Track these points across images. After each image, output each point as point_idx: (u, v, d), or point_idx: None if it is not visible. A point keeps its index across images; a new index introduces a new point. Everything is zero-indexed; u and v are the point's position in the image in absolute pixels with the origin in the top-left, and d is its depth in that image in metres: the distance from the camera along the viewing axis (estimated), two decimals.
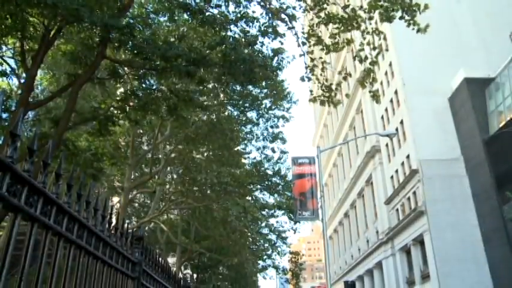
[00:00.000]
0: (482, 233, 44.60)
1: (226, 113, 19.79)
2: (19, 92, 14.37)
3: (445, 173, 46.30)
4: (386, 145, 57.03)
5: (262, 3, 13.73)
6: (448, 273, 41.48)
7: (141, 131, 20.31)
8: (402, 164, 52.28)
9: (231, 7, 14.17)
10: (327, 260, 17.85)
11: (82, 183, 3.46)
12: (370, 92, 13.91)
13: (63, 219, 3.10)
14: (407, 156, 50.55)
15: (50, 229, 2.94)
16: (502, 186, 45.79)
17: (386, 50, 52.18)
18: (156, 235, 25.88)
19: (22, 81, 13.75)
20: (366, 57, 13.33)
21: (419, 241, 47.68)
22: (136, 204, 26.97)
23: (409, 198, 50.20)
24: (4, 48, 14.76)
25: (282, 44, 15.36)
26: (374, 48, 13.52)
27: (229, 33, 13.93)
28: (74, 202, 3.29)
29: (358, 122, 67.51)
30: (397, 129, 49.84)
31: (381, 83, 55.06)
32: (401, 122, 51.99)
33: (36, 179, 2.74)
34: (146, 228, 23.10)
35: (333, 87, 14.15)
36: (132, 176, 19.16)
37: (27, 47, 13.18)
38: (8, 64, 14.62)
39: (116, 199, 21.46)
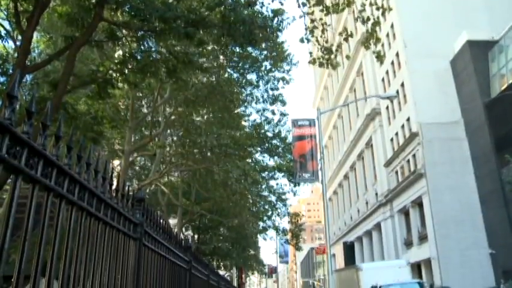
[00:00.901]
0: (480, 196, 45.08)
1: (226, 75, 19.63)
2: (15, 55, 14.19)
3: (445, 136, 46.38)
4: (387, 108, 56.88)
5: None
6: (445, 234, 42.17)
7: (141, 94, 20.19)
8: (402, 126, 52.30)
9: None
10: (326, 221, 18.08)
11: (82, 146, 3.46)
12: (374, 52, 13.78)
13: (64, 181, 3.12)
14: (408, 119, 50.51)
15: (52, 191, 2.96)
16: (501, 149, 45.95)
17: (389, 9, 50.92)
18: (157, 197, 26.10)
19: (18, 43, 13.56)
20: (368, 18, 13.12)
21: (418, 203, 48.24)
22: (137, 167, 27.09)
23: (408, 161, 50.45)
24: None
25: (282, 4, 15.05)
26: (377, 9, 13.30)
27: None
28: (74, 164, 3.30)
29: (358, 84, 67.12)
30: (397, 92, 49.58)
31: (382, 45, 54.37)
32: (402, 85, 51.69)
33: (35, 141, 2.75)
34: (147, 190, 23.28)
35: (333, 49, 13.99)
36: (132, 139, 19.17)
37: (21, 8, 12.93)
38: (2, 26, 14.39)
39: (116, 162, 21.57)
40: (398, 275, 19.51)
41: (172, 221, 26.10)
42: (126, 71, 14.76)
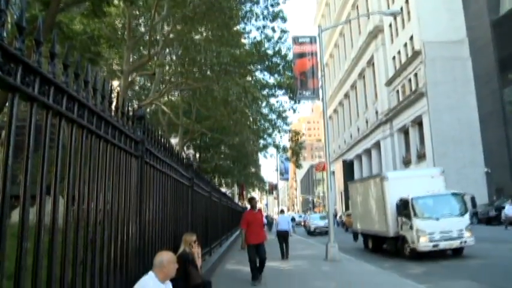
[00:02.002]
0: (480, 116, 45.18)
1: None
2: None
3: (448, 55, 45.58)
4: (390, 25, 55.46)
5: None
6: (444, 153, 42.79)
7: (138, 12, 19.56)
8: (405, 45, 51.29)
9: None
10: (326, 139, 18.23)
11: (78, 64, 3.39)
12: None
13: (63, 99, 3.09)
14: (411, 37, 49.42)
15: (50, 109, 2.93)
16: (505, 69, 45.44)
17: None
18: (158, 117, 26.15)
19: None
20: None
21: (418, 122, 48.45)
22: (137, 87, 26.88)
23: (410, 80, 50.02)
24: None
25: None
26: None
27: None
28: (72, 82, 3.25)
29: (361, 1, 64.94)
30: (401, 9, 48.11)
31: None
32: (407, 1, 50.02)
33: (30, 59, 2.68)
34: (147, 110, 23.28)
35: None
36: (131, 59, 18.82)
37: None
38: None
39: (115, 83, 21.39)
40: (431, 185, 17.01)
41: (174, 140, 26.34)
42: None
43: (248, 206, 13.85)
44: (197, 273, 6.78)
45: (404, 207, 16.28)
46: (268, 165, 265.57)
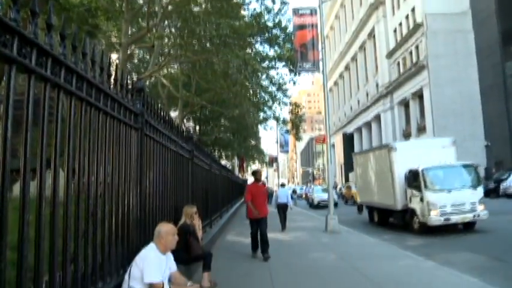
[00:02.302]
0: (481, 89, 44.94)
1: None
2: None
3: (451, 28, 45.08)
4: None
5: None
6: (444, 126, 42.73)
7: None
8: (406, 17, 50.67)
9: None
10: (326, 112, 18.18)
11: (76, 35, 3.35)
12: None
13: (61, 71, 3.05)
14: (413, 9, 48.78)
15: (48, 81, 2.91)
16: (508, 42, 44.98)
17: None
18: (158, 90, 26.00)
19: None
20: None
21: (418, 95, 48.26)
22: (136, 61, 26.64)
23: (411, 52, 49.61)
24: None
25: None
26: None
27: None
28: (70, 54, 3.21)
29: None
30: None
31: None
32: None
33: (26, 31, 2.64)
34: (147, 83, 23.13)
35: None
36: (129, 32, 18.60)
37: None
38: None
39: (114, 56, 21.19)
40: (442, 156, 16.05)
41: (174, 114, 26.25)
42: None
43: (249, 178, 13.87)
44: (198, 245, 6.85)
45: (413, 179, 15.54)
46: (268, 137, 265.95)
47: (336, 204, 33.21)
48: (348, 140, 71.36)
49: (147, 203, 5.50)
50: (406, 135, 50.94)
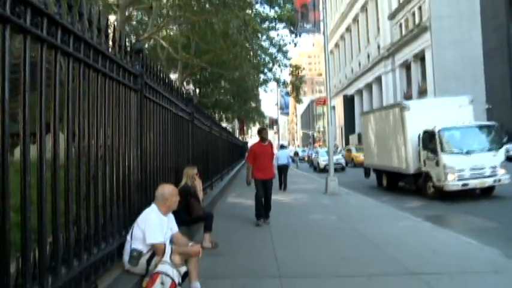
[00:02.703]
0: (484, 51, 44.38)
1: None
2: None
3: None
4: None
5: None
6: (445, 88, 42.44)
7: None
8: None
9: None
10: (327, 74, 18.01)
11: None
12: None
13: (57, 31, 2.99)
14: None
15: (45, 42, 2.85)
16: None
17: None
18: (157, 52, 25.67)
19: None
20: None
21: (420, 57, 47.78)
22: (134, 23, 26.20)
23: (413, 14, 48.80)
24: None
25: None
26: None
27: None
28: (65, 14, 3.14)
29: None
30: None
31: None
32: None
33: None
34: (146, 46, 22.81)
35: None
36: None
37: None
38: None
39: (112, 17, 20.81)
40: (459, 116, 14.87)
41: (173, 76, 26.02)
42: None
43: (250, 141, 13.74)
44: (199, 206, 6.91)
45: (429, 141, 14.36)
46: (269, 100, 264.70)
47: (343, 168, 32.76)
48: (349, 102, 71.13)
49: (148, 165, 5.51)
50: (407, 98, 50.67)
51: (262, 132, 10.24)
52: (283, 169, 17.70)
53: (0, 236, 2.41)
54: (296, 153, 45.07)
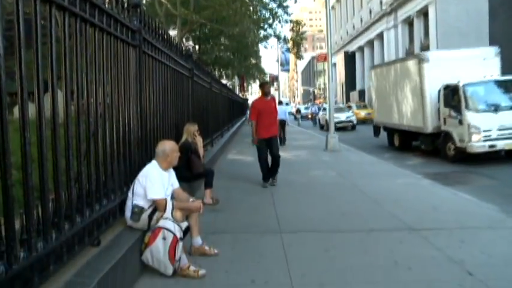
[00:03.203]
0: (490, 7, 43.42)
1: None
2: None
3: None
4: None
5: None
6: (448, 46, 41.58)
7: None
8: None
9: None
10: (328, 30, 17.72)
11: None
12: None
13: None
14: None
15: None
16: None
17: None
18: (155, 8, 25.13)
19: None
20: None
21: (423, 13, 46.84)
22: None
23: None
24: None
25: None
26: None
27: None
28: None
29: None
30: None
31: None
32: None
33: None
34: (143, 1, 22.33)
35: None
36: None
37: None
38: None
39: None
40: (484, 69, 13.38)
41: (172, 33, 25.56)
42: None
43: (250, 98, 13.59)
44: (199, 163, 6.94)
45: (451, 97, 12.98)
46: (269, 56, 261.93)
47: (353, 127, 30.54)
48: (350, 58, 70.33)
49: (148, 122, 5.49)
50: (409, 55, 50.12)
51: (264, 87, 9.65)
52: (282, 124, 17.63)
53: (3, 191, 2.42)
54: (298, 110, 43.60)
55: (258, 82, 58.10)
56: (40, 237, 2.76)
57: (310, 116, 43.87)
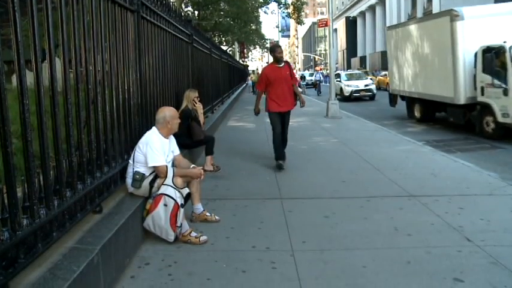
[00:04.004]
0: None
1: None
2: None
3: None
4: None
5: None
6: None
7: None
8: None
9: None
10: None
11: None
12: None
13: None
14: None
15: None
16: None
17: None
18: None
19: None
20: None
21: None
22: None
23: None
24: None
25: None
26: None
27: None
28: None
29: None
30: None
31: None
32: None
33: None
34: None
35: None
36: None
37: None
38: None
39: None
40: None
41: None
42: None
43: (251, 65, 13.36)
44: (200, 130, 6.92)
45: (493, 62, 10.84)
46: (269, 22, 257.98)
47: (373, 97, 26.15)
48: (351, 24, 69.44)
49: (147, 89, 5.44)
50: (412, 20, 49.45)
51: (275, 51, 7.89)
52: None
53: (4, 159, 2.42)
54: (302, 77, 39.11)
55: (258, 48, 57.39)
56: (42, 205, 2.77)
57: (315, 86, 37.85)
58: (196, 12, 32.88)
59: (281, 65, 7.67)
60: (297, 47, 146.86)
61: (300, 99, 7.93)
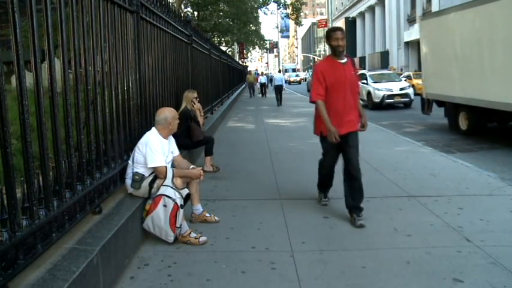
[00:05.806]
0: None
1: None
2: None
3: None
4: None
5: None
6: None
7: None
8: None
9: None
10: None
11: None
12: None
13: None
14: None
15: None
16: None
17: None
18: None
19: None
20: None
21: None
22: None
23: None
24: None
25: None
26: None
27: None
28: None
29: None
30: None
31: None
32: None
33: None
34: None
35: None
36: None
37: None
38: None
39: None
40: None
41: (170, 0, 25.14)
42: None
43: (250, 66, 13.25)
44: (199, 130, 6.92)
45: None
46: (269, 22, 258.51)
47: (409, 104, 20.51)
48: (351, 25, 69.40)
49: (147, 90, 5.45)
50: (411, 21, 49.41)
51: (331, 37, 4.84)
52: (279, 89, 22.39)
53: (4, 160, 2.42)
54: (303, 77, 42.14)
55: (257, 49, 57.34)
56: (42, 205, 2.77)
57: None
58: (195, 13, 32.88)
59: (343, 61, 4.86)
60: (297, 47, 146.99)
61: (361, 118, 4.99)
